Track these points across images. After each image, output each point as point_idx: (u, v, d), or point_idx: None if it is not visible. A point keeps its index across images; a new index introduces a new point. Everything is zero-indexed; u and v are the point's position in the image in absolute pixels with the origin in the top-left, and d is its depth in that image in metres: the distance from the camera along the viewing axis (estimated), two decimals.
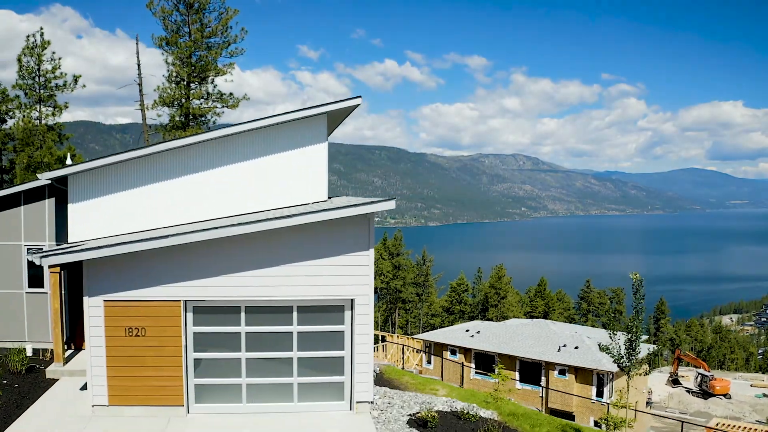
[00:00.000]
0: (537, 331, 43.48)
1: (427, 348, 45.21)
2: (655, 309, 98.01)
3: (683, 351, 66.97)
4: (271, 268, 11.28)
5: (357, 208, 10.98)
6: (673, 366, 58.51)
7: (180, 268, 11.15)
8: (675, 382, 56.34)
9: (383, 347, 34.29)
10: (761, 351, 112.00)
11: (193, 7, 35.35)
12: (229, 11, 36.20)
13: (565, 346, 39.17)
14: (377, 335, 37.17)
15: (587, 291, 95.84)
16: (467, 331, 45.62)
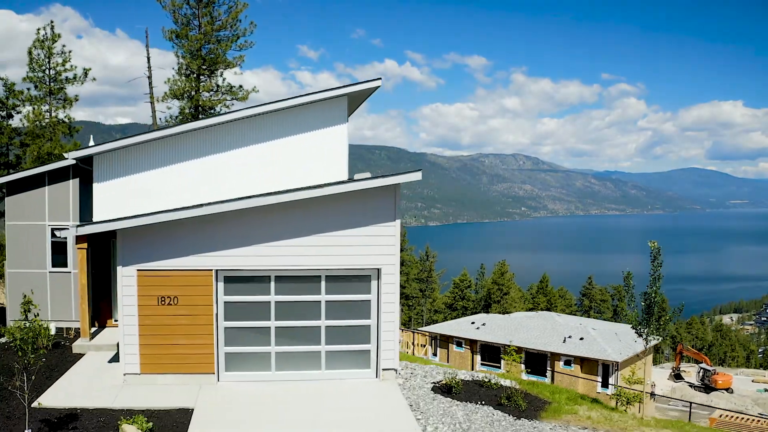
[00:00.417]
0: (542, 323, 43.79)
1: (433, 340, 45.50)
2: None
3: (685, 346, 67.28)
4: (300, 239, 11.58)
5: (385, 179, 11.29)
6: (675, 361, 58.83)
7: (212, 239, 11.45)
8: (677, 377, 56.66)
9: None
10: (762, 350, 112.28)
11: (203, 0, 35.64)
12: (239, 4, 36.47)
13: (570, 337, 39.46)
14: None
15: (589, 288, 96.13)
16: (473, 323, 45.91)
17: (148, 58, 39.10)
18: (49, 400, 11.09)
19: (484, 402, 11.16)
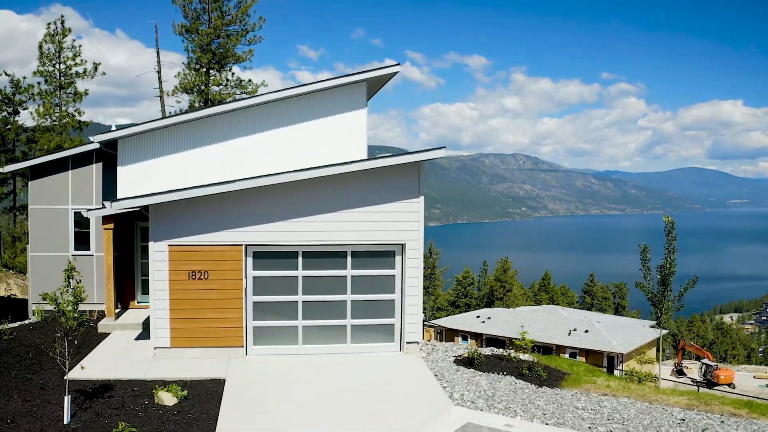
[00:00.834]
0: (547, 316, 44.12)
1: (438, 334, 45.78)
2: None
3: (687, 342, 67.58)
4: (327, 215, 11.89)
5: (410, 156, 11.60)
6: (677, 357, 59.17)
7: (241, 215, 11.76)
8: (680, 372, 56.96)
9: None
10: (762, 348, 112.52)
11: None
12: None
13: (575, 330, 39.78)
14: None
15: (591, 285, 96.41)
16: (478, 317, 46.23)
17: (158, 53, 39.41)
18: (81, 373, 11.38)
19: (505, 373, 11.47)
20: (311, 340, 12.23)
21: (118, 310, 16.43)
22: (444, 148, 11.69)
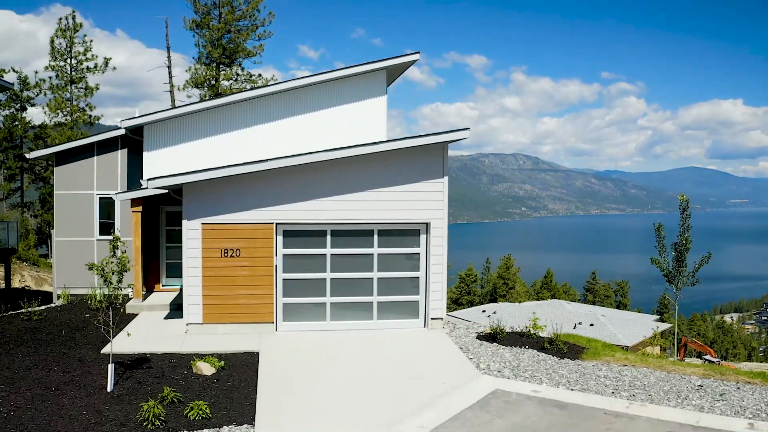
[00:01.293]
0: (552, 310, 44.47)
1: None
2: (658, 303, 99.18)
3: (690, 338, 68.04)
4: (355, 194, 12.31)
5: (436, 137, 12.01)
6: (680, 353, 59.64)
7: (272, 194, 12.17)
8: None
9: None
10: (762, 348, 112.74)
11: None
12: None
13: (580, 323, 40.12)
14: None
15: (593, 283, 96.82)
16: (484, 311, 46.59)
17: (168, 48, 39.80)
18: (118, 346, 11.77)
19: (527, 347, 11.88)
20: (339, 316, 12.64)
21: (144, 293, 16.84)
22: (468, 129, 12.10)
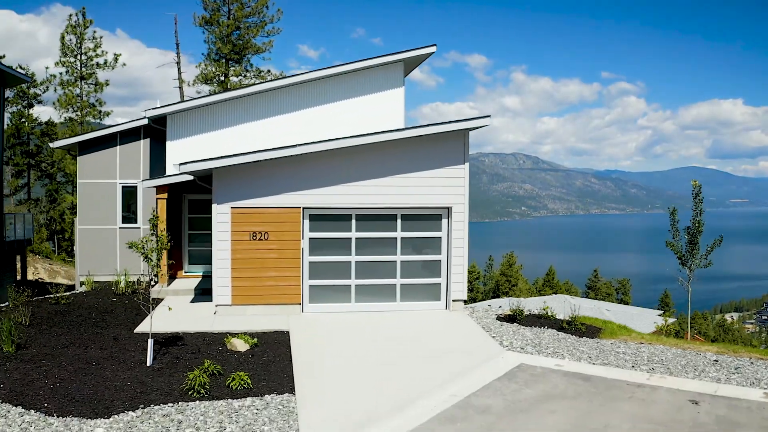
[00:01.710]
0: (558, 305, 44.73)
1: None
2: (659, 302, 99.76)
3: (692, 334, 68.65)
4: (379, 179, 12.71)
5: (457, 124, 12.41)
6: None
7: (299, 179, 12.57)
8: None
9: None
10: (763, 347, 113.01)
11: None
12: None
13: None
14: None
15: (595, 281, 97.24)
16: (489, 306, 46.97)
17: (177, 44, 40.18)
18: (149, 327, 12.16)
19: (546, 327, 12.28)
20: (363, 298, 13.05)
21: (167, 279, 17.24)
22: (489, 116, 12.50)
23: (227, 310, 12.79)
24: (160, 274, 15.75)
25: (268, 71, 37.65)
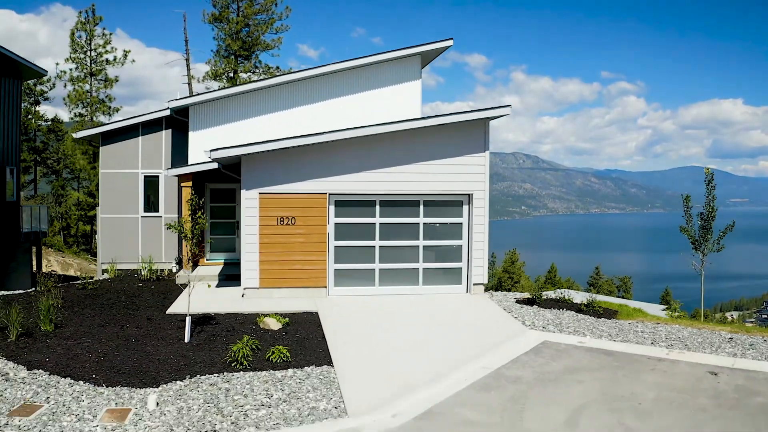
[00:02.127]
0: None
1: None
2: (660, 299, 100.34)
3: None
4: (402, 166, 13.11)
5: (479, 113, 12.82)
6: None
7: (325, 166, 12.97)
8: None
9: None
10: None
11: None
12: None
13: None
14: None
15: (596, 278, 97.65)
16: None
17: (186, 41, 40.48)
18: (180, 309, 12.55)
19: (565, 309, 12.71)
20: (386, 281, 13.45)
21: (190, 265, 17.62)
22: (509, 106, 12.90)
23: (255, 293, 13.19)
24: (184, 260, 16.12)
25: (277, 68, 38.02)
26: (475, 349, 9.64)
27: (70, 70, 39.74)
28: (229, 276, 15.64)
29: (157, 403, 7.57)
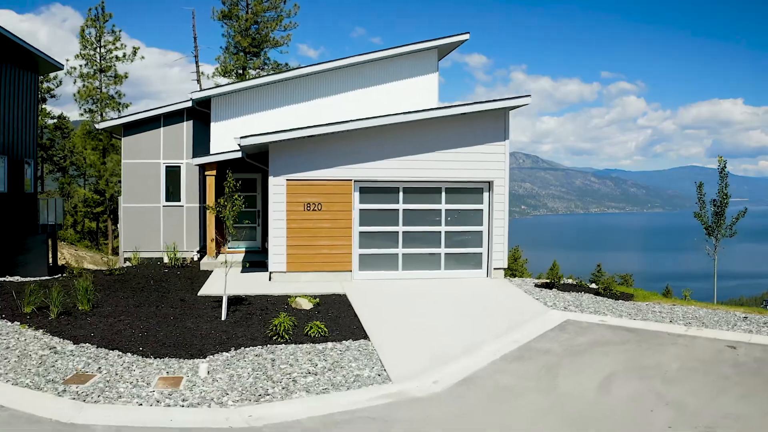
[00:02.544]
0: None
1: None
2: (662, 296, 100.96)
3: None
4: (425, 154, 13.54)
5: (499, 102, 13.26)
6: None
7: (350, 153, 13.39)
8: None
9: None
10: None
11: None
12: None
13: None
14: None
15: (598, 275, 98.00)
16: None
17: (195, 38, 40.89)
18: (210, 291, 12.95)
19: (583, 292, 13.14)
20: (409, 266, 13.88)
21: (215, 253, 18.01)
22: (529, 96, 13.33)
23: (282, 276, 13.60)
24: (208, 248, 16.54)
25: (286, 65, 38.43)
26: (502, 326, 10.06)
27: (80, 66, 40.12)
28: (252, 263, 16.06)
29: (208, 372, 7.98)
